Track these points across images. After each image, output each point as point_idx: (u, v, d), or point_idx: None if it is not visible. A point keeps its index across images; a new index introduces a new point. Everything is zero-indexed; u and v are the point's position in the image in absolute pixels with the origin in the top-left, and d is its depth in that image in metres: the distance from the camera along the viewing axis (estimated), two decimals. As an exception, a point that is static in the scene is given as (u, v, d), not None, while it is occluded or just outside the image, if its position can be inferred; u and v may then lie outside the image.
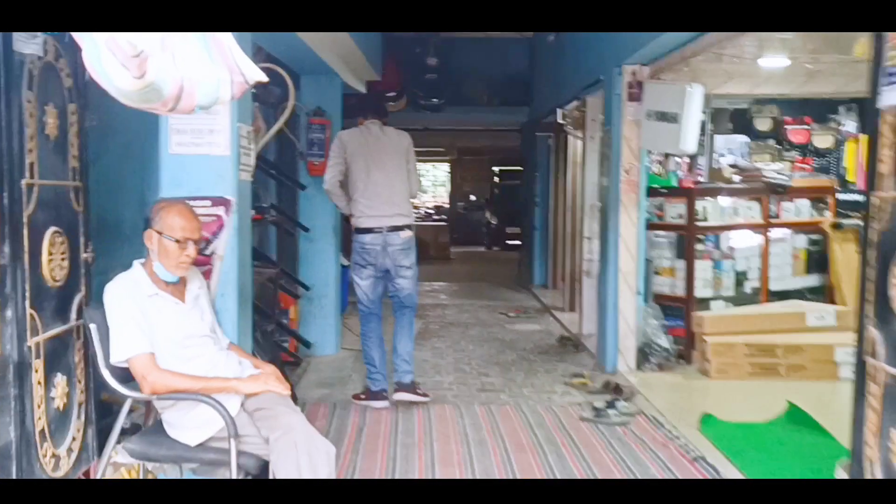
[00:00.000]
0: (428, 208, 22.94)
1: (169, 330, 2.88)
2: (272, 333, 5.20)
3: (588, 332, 7.35)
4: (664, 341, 5.93)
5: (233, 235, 3.34)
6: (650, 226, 6.16)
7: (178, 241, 2.85)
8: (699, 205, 6.08)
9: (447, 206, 23.81)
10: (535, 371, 6.14)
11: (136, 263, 2.95)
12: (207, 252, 3.30)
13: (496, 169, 23.01)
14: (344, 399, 5.26)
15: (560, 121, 8.48)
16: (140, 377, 2.76)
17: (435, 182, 25.32)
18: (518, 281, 11.39)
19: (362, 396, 5.21)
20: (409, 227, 5.22)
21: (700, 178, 6.84)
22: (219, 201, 3.32)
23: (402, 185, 5.18)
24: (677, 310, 6.14)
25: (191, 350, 2.94)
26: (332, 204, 6.37)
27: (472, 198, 23.43)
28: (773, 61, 5.43)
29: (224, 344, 3.17)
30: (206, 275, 3.29)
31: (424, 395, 5.26)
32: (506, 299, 9.97)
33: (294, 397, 3.20)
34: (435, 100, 8.84)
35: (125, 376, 2.81)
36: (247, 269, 3.52)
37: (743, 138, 7.41)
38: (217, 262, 3.32)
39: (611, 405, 4.99)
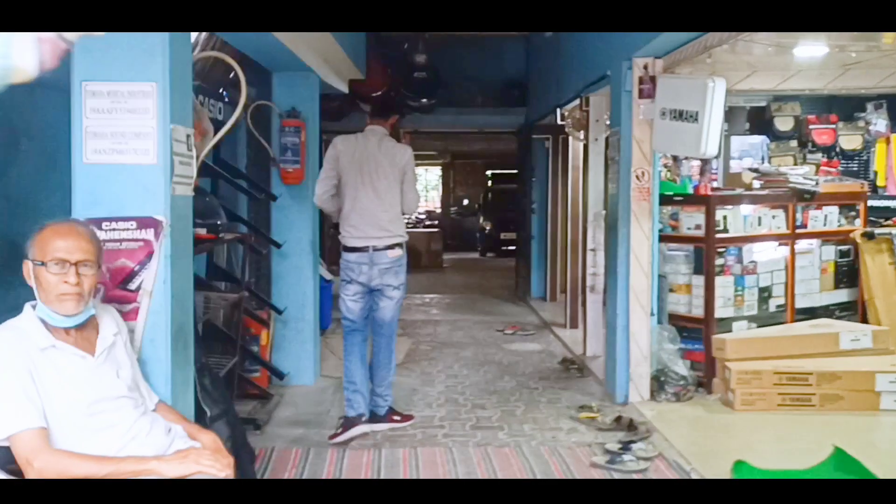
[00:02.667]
0: (419, 214, 22.29)
1: (70, 393, 2.22)
2: (233, 371, 4.52)
3: (593, 354, 6.70)
4: (681, 368, 5.28)
5: (164, 265, 2.67)
6: (663, 238, 5.51)
7: (55, 263, 2.19)
8: (719, 214, 5.43)
9: (439, 210, 23.18)
10: (536, 402, 5.47)
11: (27, 307, 2.28)
12: (132, 287, 2.63)
13: (490, 173, 22.41)
14: (320, 441, 4.59)
15: (560, 122, 7.85)
16: (23, 461, 2.09)
17: (427, 186, 24.67)
18: (515, 293, 10.73)
19: (339, 431, 4.58)
20: (398, 245, 4.78)
21: (714, 184, 6.20)
22: (146, 222, 2.65)
23: (392, 208, 4.77)
24: (695, 331, 5.49)
25: (101, 418, 2.27)
26: (308, 215, 5.77)
27: (466, 202, 22.82)
28: (809, 50, 4.79)
29: (150, 404, 2.50)
30: (130, 315, 2.62)
31: (405, 418, 4.90)
32: (502, 314, 9.31)
33: (250, 457, 2.54)
34: (425, 100, 8.19)
35: (8, 457, 2.14)
36: (185, 306, 2.85)
37: (761, 139, 6.78)
38: (144, 300, 2.65)
39: (626, 447, 4.34)
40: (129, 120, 2.64)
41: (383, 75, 7.65)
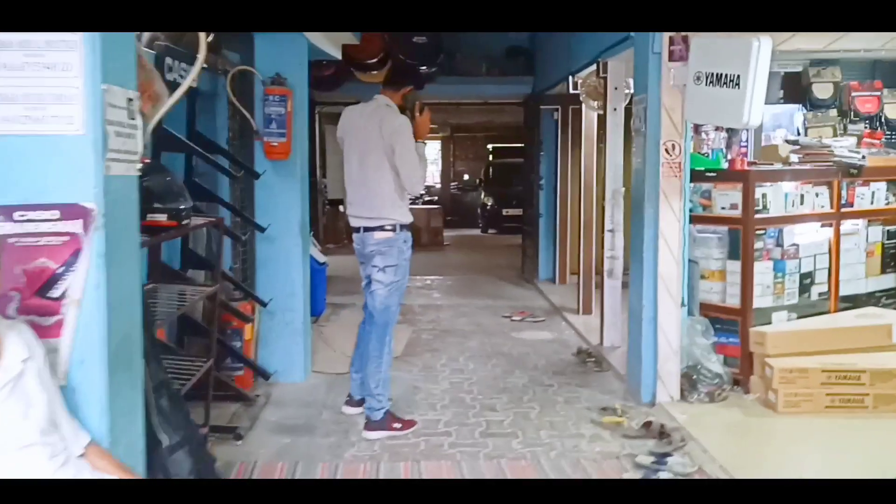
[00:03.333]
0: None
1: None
2: (209, 374, 3.93)
3: (611, 344, 6.13)
4: (716, 364, 4.71)
5: (97, 265, 2.08)
6: (693, 218, 4.92)
7: None
8: (758, 191, 4.82)
9: (439, 186, 22.55)
10: (552, 402, 4.91)
11: None
12: (54, 294, 2.04)
13: (491, 147, 21.74)
14: (310, 451, 4.04)
15: (572, 91, 7.22)
16: None
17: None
18: (521, 274, 10.14)
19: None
20: (388, 227, 4.35)
21: (744, 158, 5.58)
22: (72, 211, 2.06)
23: (382, 186, 4.33)
24: (729, 323, 4.91)
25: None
26: (296, 194, 5.21)
27: (466, 177, 22.17)
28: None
29: (77, 448, 1.93)
30: (52, 331, 2.04)
31: (406, 424, 4.42)
32: (509, 297, 8.73)
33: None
34: (424, 68, 7.55)
35: None
36: (129, 316, 2.25)
37: (796, 108, 6.15)
38: (71, 310, 2.06)
39: (660, 461, 3.78)
40: (48, 78, 2.04)
41: (380, 40, 6.99)
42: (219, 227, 3.87)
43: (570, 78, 7.19)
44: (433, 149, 23.48)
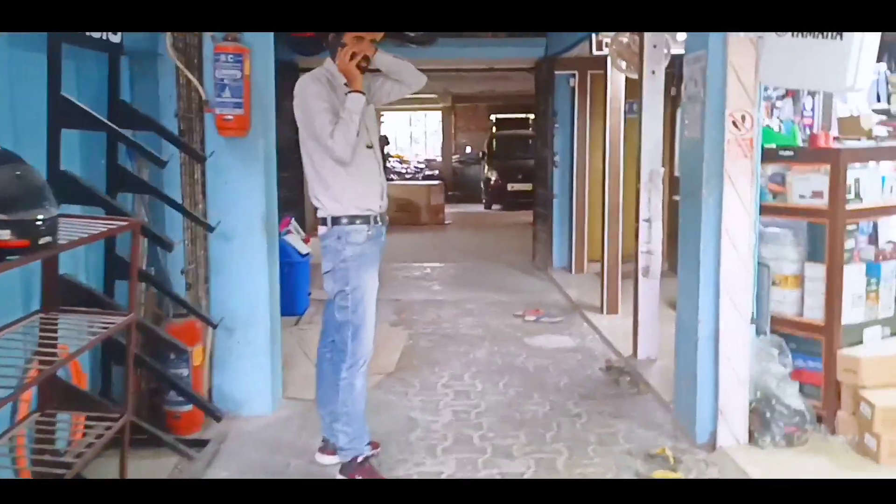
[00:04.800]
0: (418, 163, 20.54)
1: None
2: (123, 432, 2.88)
3: (647, 356, 5.10)
4: (795, 399, 3.67)
5: None
6: (761, 209, 3.84)
7: None
8: (850, 176, 3.73)
9: (440, 160, 21.41)
10: (582, 442, 3.88)
11: None
12: None
13: (494, 117, 20.57)
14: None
15: (595, 53, 6.10)
16: None
17: (426, 132, 22.85)
18: (532, 261, 9.07)
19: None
20: (331, 220, 3.40)
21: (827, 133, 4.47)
22: None
23: (317, 167, 3.39)
24: (808, 343, 3.86)
25: None
26: (259, 179, 4.19)
27: (469, 150, 21.01)
28: None
29: None
30: None
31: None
32: (519, 290, 7.67)
33: None
34: (420, 25, 6.48)
35: None
36: None
37: (878, 69, 5.03)
38: None
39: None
40: None
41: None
42: (136, 233, 2.80)
43: (594, 37, 6.07)
44: (434, 120, 22.29)
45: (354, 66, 3.32)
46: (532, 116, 19.98)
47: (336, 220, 3.35)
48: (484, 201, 17.69)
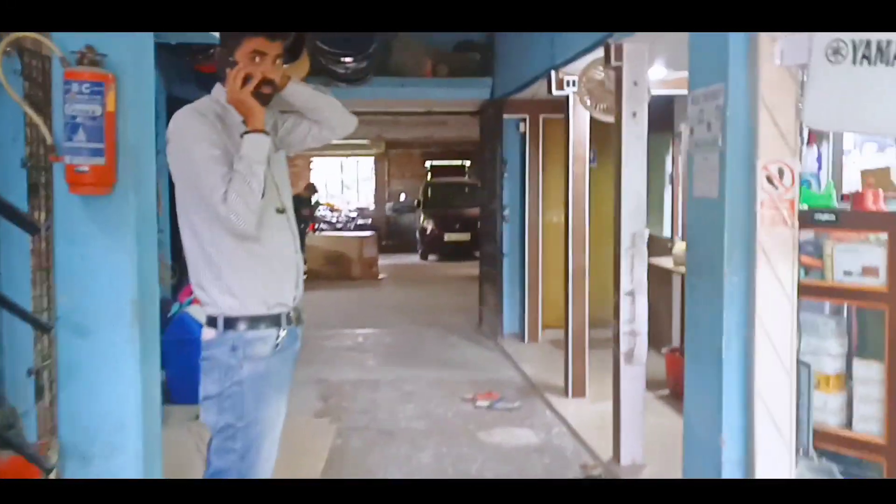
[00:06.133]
0: (350, 212, 19.49)
1: None
2: None
3: (632, 461, 4.14)
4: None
5: None
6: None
7: None
8: (909, 247, 2.88)
9: (373, 208, 20.43)
10: None
11: None
12: None
13: (430, 164, 19.80)
14: None
15: (554, 93, 5.23)
16: None
17: (358, 178, 21.83)
18: (479, 327, 8.09)
19: None
20: (211, 317, 2.36)
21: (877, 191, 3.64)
22: None
23: (185, 240, 2.41)
24: (861, 465, 2.95)
25: None
26: (126, 251, 3.09)
27: (403, 197, 20.11)
28: None
29: None
30: None
31: None
32: (466, 364, 6.66)
33: None
34: (349, 59, 5.48)
35: None
36: None
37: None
38: None
39: None
40: None
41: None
42: None
43: (553, 74, 5.20)
44: (366, 167, 21.32)
45: (249, 94, 2.31)
46: (468, 163, 19.53)
47: (230, 323, 2.30)
48: (420, 251, 16.78)
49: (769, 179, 2.69)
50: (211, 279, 2.30)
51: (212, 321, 2.31)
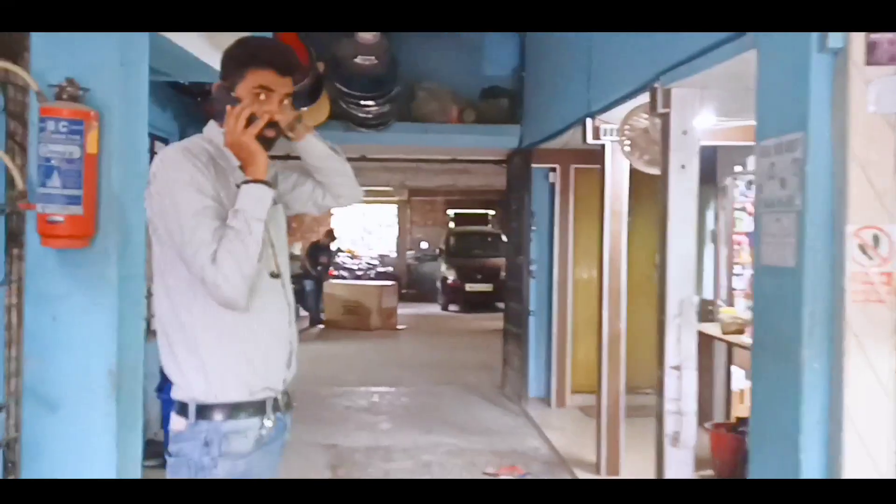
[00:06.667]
0: (371, 259, 19.12)
1: None
2: None
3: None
4: None
5: None
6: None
7: None
8: None
9: (394, 255, 20.07)
10: None
11: None
12: None
13: (452, 212, 19.48)
14: None
15: (591, 141, 4.85)
16: None
17: (380, 224, 21.52)
18: (501, 389, 7.61)
19: None
20: (179, 405, 1.92)
21: None
22: None
23: (159, 308, 1.95)
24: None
25: None
26: (107, 314, 2.69)
27: (425, 245, 19.76)
28: None
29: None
30: None
31: None
32: (488, 430, 6.16)
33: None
34: (370, 102, 5.15)
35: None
36: None
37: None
38: None
39: None
40: None
41: (301, 52, 4.56)
42: None
43: (589, 122, 4.83)
44: (389, 214, 21.01)
45: (253, 137, 1.93)
46: (492, 213, 19.20)
47: (204, 412, 1.88)
48: (440, 301, 16.34)
49: (862, 248, 2.26)
50: (184, 354, 1.89)
51: (182, 409, 1.89)
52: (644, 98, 3.88)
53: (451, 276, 15.87)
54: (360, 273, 17.73)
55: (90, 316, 2.64)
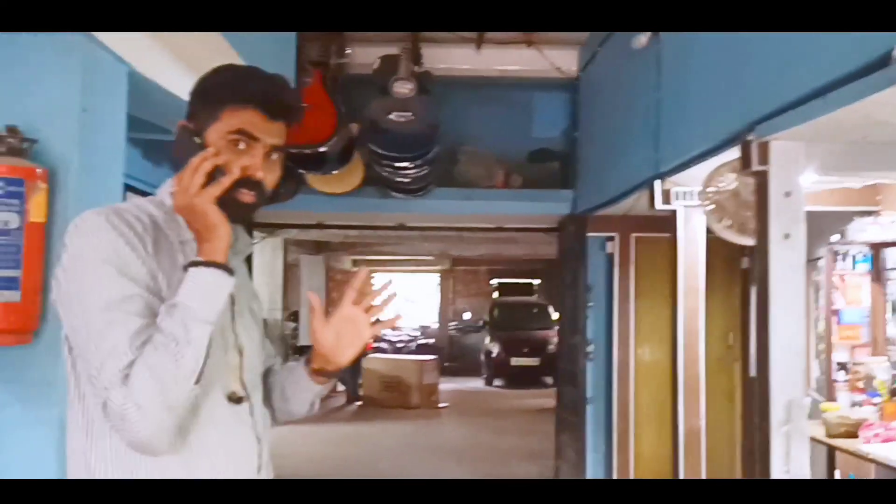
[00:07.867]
0: (412, 331, 18.41)
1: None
2: None
3: None
4: None
5: None
6: None
7: None
8: None
9: (436, 326, 19.39)
10: None
11: None
12: None
13: (496, 282, 18.80)
14: None
15: (661, 207, 4.20)
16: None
17: (421, 294, 20.92)
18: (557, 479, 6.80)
19: None
20: None
21: None
22: None
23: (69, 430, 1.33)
24: None
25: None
26: (50, 428, 2.05)
27: (467, 316, 19.08)
28: None
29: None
30: None
31: None
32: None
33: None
34: (406, 164, 4.58)
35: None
36: None
37: None
38: None
39: None
40: None
41: (328, 109, 4.02)
42: None
43: (658, 184, 4.18)
44: (430, 283, 20.39)
45: (213, 199, 1.31)
46: (537, 282, 18.50)
47: None
48: (484, 375, 15.57)
49: None
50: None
51: None
52: (730, 154, 3.24)
53: (495, 350, 15.14)
54: (400, 346, 17.05)
55: (31, 430, 2.03)
